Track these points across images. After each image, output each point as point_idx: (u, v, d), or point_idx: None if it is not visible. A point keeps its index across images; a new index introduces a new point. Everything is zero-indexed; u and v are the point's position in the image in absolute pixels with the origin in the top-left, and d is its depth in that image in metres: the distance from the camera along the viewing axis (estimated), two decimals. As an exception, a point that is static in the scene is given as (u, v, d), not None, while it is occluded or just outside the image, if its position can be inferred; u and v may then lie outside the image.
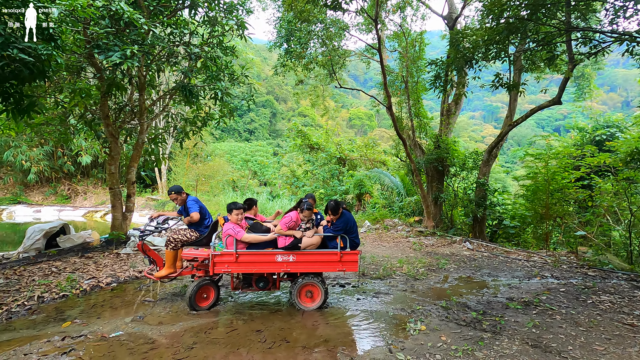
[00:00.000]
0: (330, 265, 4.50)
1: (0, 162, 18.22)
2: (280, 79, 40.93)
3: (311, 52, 10.50)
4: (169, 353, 3.40)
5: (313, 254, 4.48)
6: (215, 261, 4.34)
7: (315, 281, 4.57)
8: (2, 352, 3.34)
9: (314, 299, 4.58)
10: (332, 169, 20.15)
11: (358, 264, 4.58)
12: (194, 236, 4.70)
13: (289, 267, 4.42)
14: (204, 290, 4.52)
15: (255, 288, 4.67)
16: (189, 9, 7.50)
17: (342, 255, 4.49)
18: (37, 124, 7.68)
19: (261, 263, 4.41)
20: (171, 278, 4.73)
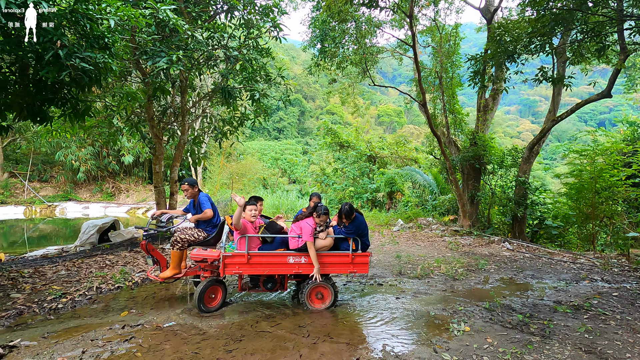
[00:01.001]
0: (341, 267, 4.50)
1: (53, 161, 19.71)
2: (308, 77, 41.04)
3: (344, 51, 10.50)
4: (219, 344, 3.57)
5: (325, 256, 4.45)
6: (226, 262, 4.26)
7: (326, 282, 4.54)
8: (72, 337, 3.65)
9: (324, 300, 4.57)
10: (362, 166, 20.05)
11: (369, 265, 4.59)
12: (201, 236, 4.59)
13: (301, 268, 4.39)
14: (211, 290, 4.44)
15: (263, 289, 4.61)
16: (225, 13, 7.75)
17: (354, 257, 4.48)
18: (89, 126, 8.22)
19: (273, 265, 4.36)
20: (176, 279, 4.66)
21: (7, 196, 18.05)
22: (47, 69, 4.43)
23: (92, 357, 3.25)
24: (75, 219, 16.84)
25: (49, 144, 18.26)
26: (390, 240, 9.46)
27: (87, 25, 4.73)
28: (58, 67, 4.42)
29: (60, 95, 5.72)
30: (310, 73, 11.70)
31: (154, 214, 4.65)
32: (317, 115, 57.60)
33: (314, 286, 4.49)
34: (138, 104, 7.93)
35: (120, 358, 3.27)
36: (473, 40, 64.36)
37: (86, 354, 3.29)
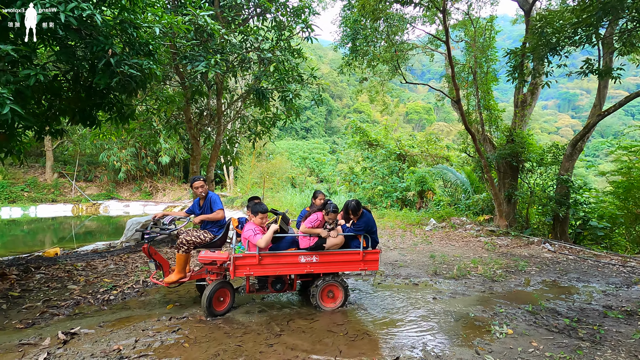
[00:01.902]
0: (352, 264, 4.46)
1: (97, 162, 20.98)
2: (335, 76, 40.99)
3: (375, 49, 10.43)
4: (260, 338, 3.69)
5: (336, 254, 4.40)
6: (237, 264, 4.11)
7: (337, 281, 4.50)
8: (124, 326, 3.89)
9: (335, 300, 4.52)
10: (392, 165, 19.80)
11: (379, 262, 4.55)
12: (207, 237, 4.44)
13: (313, 267, 4.31)
14: (219, 293, 4.27)
15: (271, 290, 4.51)
16: (257, 16, 7.93)
17: (365, 255, 4.44)
18: (132, 129, 8.68)
19: (284, 265, 4.26)
20: (181, 283, 4.51)
21: (57, 195, 19.41)
22: (99, 76, 4.73)
23: (144, 346, 3.45)
24: (117, 217, 17.82)
25: (93, 146, 19.46)
26: (423, 240, 9.31)
27: (134, 33, 5.00)
28: (109, 74, 4.71)
29: (107, 100, 6.10)
30: (341, 72, 11.71)
31: (155, 216, 4.49)
32: (345, 114, 57.48)
33: (325, 285, 4.44)
34: (176, 107, 8.29)
35: (170, 348, 3.45)
36: (507, 33, 61.73)
37: (139, 343, 3.50)
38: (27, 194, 18.85)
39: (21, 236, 13.13)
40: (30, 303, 4.49)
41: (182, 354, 3.33)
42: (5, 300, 4.51)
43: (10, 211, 17.41)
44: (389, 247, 8.47)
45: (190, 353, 3.35)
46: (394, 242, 9.00)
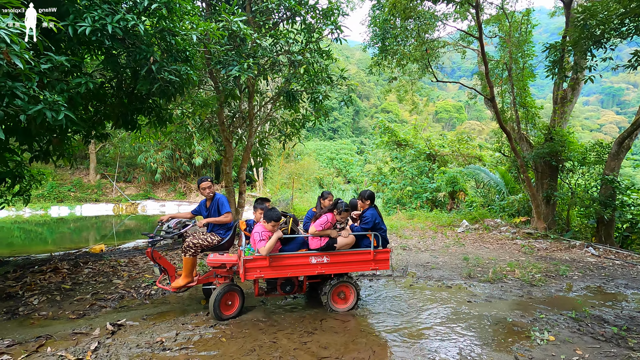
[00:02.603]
0: (363, 264, 4.40)
1: (135, 164, 22.11)
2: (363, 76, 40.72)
3: (405, 48, 10.30)
4: (294, 336, 3.76)
5: (347, 254, 4.34)
6: (247, 267, 3.99)
7: (348, 282, 4.44)
8: (166, 320, 4.09)
9: (347, 300, 4.48)
10: (421, 165, 19.44)
11: (390, 262, 4.48)
12: (215, 240, 4.33)
13: (324, 268, 4.24)
14: (228, 297, 4.17)
15: (281, 292, 4.42)
16: (287, 20, 8.05)
17: (376, 254, 4.38)
18: (169, 131, 9.07)
19: (295, 266, 4.18)
20: (188, 287, 4.40)
21: (99, 195, 20.63)
22: (141, 83, 5.00)
23: (184, 339, 3.62)
24: (154, 216, 18.67)
25: (132, 149, 20.52)
26: (455, 242, 9.08)
27: (172, 41, 5.25)
28: (150, 81, 4.97)
29: (147, 105, 6.42)
30: (370, 72, 11.65)
31: (161, 219, 4.38)
32: (372, 114, 57.00)
33: (337, 286, 4.40)
34: (210, 110, 8.58)
35: (208, 342, 3.60)
36: (544, 26, 58.87)
37: (179, 336, 3.67)
38: (73, 194, 20.16)
39: (68, 233, 14.06)
40: (81, 295, 4.81)
41: (220, 348, 3.45)
42: (59, 292, 4.87)
43: (59, 210, 18.69)
44: (419, 248, 8.34)
45: (227, 347, 3.48)
46: (424, 244, 8.84)
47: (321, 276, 4.44)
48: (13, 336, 3.62)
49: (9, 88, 3.44)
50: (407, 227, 11.50)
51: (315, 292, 4.77)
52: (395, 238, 9.60)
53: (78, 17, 4.31)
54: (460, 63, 58.71)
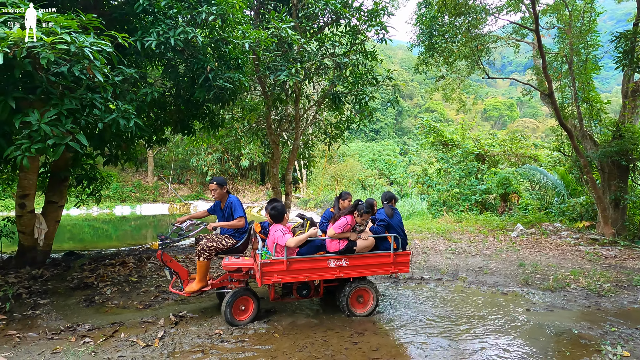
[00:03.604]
0: (383, 267, 4.27)
1: (188, 166, 23.55)
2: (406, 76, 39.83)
3: (451, 45, 9.96)
4: (345, 335, 3.80)
5: (366, 257, 4.22)
6: (264, 270, 3.87)
7: (368, 285, 4.31)
8: (221, 314, 4.32)
9: (366, 304, 4.34)
10: (470, 166, 18.60)
11: (410, 265, 4.34)
12: (230, 243, 4.22)
13: (342, 272, 4.14)
14: (241, 301, 4.03)
15: (297, 297, 4.30)
16: (332, 23, 8.14)
17: (396, 257, 4.24)
18: (220, 135, 9.55)
19: (313, 270, 4.06)
20: (202, 292, 4.30)
21: (156, 195, 22.24)
22: (198, 90, 5.33)
23: (240, 333, 3.80)
24: (204, 216, 19.73)
25: (184, 152, 21.86)
26: (509, 247, 8.59)
27: (226, 49, 5.54)
28: (207, 88, 5.29)
29: (201, 111, 6.83)
30: (416, 72, 11.42)
31: (177, 220, 4.29)
32: (415, 114, 55.58)
33: (355, 290, 4.28)
34: (258, 114, 8.91)
35: (262, 336, 3.75)
36: (610, 12, 53.67)
37: (235, 330, 3.87)
38: (134, 194, 21.90)
39: (130, 230, 15.29)
40: (146, 288, 5.23)
41: (274, 344, 3.59)
42: (127, 284, 5.33)
43: (122, 209, 20.40)
44: (470, 252, 8.00)
45: (280, 343, 3.60)
46: (475, 248, 8.47)
47: (338, 279, 4.32)
48: (92, 321, 4.03)
49: (89, 99, 3.85)
50: (455, 231, 11.08)
51: (332, 296, 4.62)
52: (443, 241, 9.30)
53: (145, 33, 4.71)
54: (512, 58, 55.36)
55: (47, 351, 3.33)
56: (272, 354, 3.37)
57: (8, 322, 3.93)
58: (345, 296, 4.23)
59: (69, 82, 3.75)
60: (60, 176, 6.14)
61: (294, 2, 7.66)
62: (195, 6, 4.95)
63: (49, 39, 3.00)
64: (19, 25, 3.11)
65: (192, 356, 3.31)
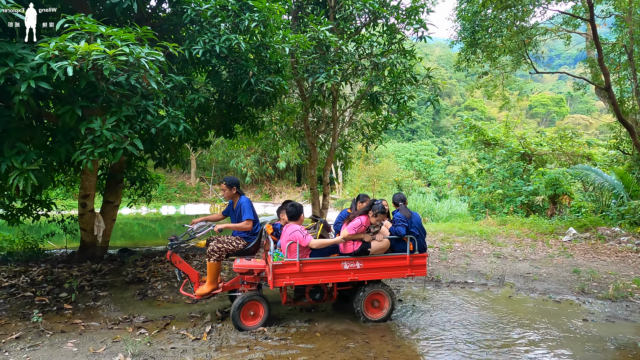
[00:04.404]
0: (399, 270, 4.13)
1: (228, 168, 24.45)
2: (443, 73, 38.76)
3: (497, 40, 9.53)
4: (386, 338, 3.76)
5: (381, 259, 4.08)
6: (276, 273, 3.78)
7: (383, 289, 4.15)
8: (264, 312, 4.44)
9: (382, 309, 4.19)
10: (514, 166, 17.65)
11: (426, 268, 4.19)
12: (241, 244, 4.14)
13: (357, 275, 4.00)
14: (250, 306, 3.91)
15: (310, 300, 4.18)
16: (369, 23, 8.09)
17: (412, 259, 4.08)
18: (259, 138, 9.82)
19: (326, 272, 3.95)
20: (213, 295, 4.21)
21: (199, 196, 23.31)
22: (241, 95, 5.52)
23: (282, 330, 3.89)
24: (243, 216, 20.36)
25: (224, 155, 22.72)
26: (560, 252, 8.06)
27: (267, 54, 5.70)
28: (249, 92, 5.47)
29: (242, 115, 7.06)
30: (457, 69, 11.06)
31: (194, 222, 4.28)
32: (454, 112, 53.74)
33: (371, 293, 4.14)
34: (296, 116, 9.06)
35: (304, 335, 3.81)
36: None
37: (278, 327, 3.96)
38: (178, 195, 23.08)
39: (174, 229, 16.11)
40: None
41: (316, 343, 3.63)
42: (176, 280, 5.62)
43: (168, 209, 21.57)
44: (516, 257, 7.60)
45: (322, 342, 3.64)
46: (522, 252, 8.03)
47: (353, 283, 4.20)
48: (146, 314, 4.31)
49: (143, 106, 4.13)
50: (500, 234, 10.57)
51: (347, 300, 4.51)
52: (487, 245, 8.91)
53: (192, 42, 4.96)
54: (561, 50, 51.95)
55: (108, 340, 3.61)
56: (315, 353, 3.42)
57: (74, 312, 4.30)
58: (360, 300, 4.10)
59: (126, 91, 4.05)
60: (116, 178, 6.61)
61: (331, 5, 7.71)
62: (238, 14, 5.13)
63: (111, 51, 3.26)
64: (85, 40, 3.40)
65: (238, 351, 3.44)
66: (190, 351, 3.41)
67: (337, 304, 4.61)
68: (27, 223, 6.51)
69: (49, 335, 3.66)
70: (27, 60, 3.38)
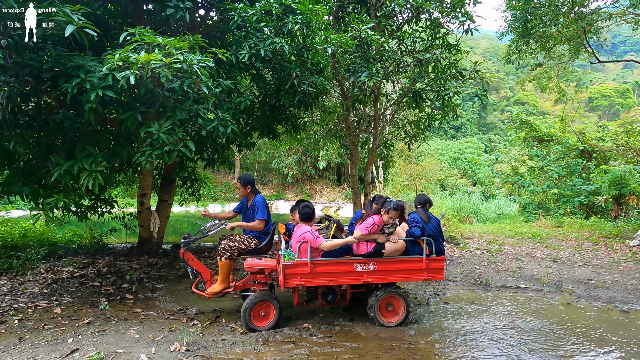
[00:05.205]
0: (414, 273, 3.97)
1: (269, 168, 25.13)
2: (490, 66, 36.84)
3: (552, 28, 8.86)
4: (432, 341, 3.67)
5: (395, 262, 3.92)
6: (287, 273, 3.73)
7: (397, 292, 4.00)
8: (306, 308, 4.51)
9: (396, 313, 4.03)
10: (572, 164, 16.33)
11: (444, 271, 4.04)
12: (252, 243, 4.12)
13: (370, 277, 3.88)
14: (261, 307, 3.86)
15: (322, 302, 4.06)
16: (411, 19, 7.90)
17: (429, 262, 3.93)
18: (301, 138, 9.98)
19: (339, 274, 3.86)
20: (225, 294, 4.18)
21: (242, 195, 24.16)
22: (284, 96, 5.65)
23: (327, 328, 3.95)
24: (285, 214, 20.77)
25: (266, 155, 23.34)
26: (628, 258, 7.34)
27: (310, 55, 5.78)
28: (292, 94, 5.58)
29: (284, 116, 7.21)
30: (508, 62, 10.46)
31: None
32: (502, 107, 50.89)
33: (385, 297, 4.00)
34: (337, 116, 9.08)
35: (348, 334, 3.83)
36: None
37: (322, 325, 4.01)
38: (224, 194, 24.09)
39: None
40: (240, 279, 5.71)
41: (360, 342, 3.63)
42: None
43: (214, 207, 22.60)
44: (575, 262, 7.05)
45: (367, 342, 3.63)
46: (582, 257, 7.43)
47: (366, 285, 4.09)
48: (197, 306, 4.56)
49: (195, 110, 4.37)
50: (555, 237, 9.85)
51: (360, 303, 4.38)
52: (541, 248, 8.35)
53: (239, 47, 5.16)
54: (627, 36, 47.22)
55: (165, 329, 3.87)
56: (359, 353, 3.42)
57: (134, 301, 4.67)
58: (374, 305, 3.98)
59: (179, 96, 4.31)
60: (170, 178, 7.05)
61: (372, 2, 7.64)
62: (282, 17, 5.26)
63: (167, 59, 3.49)
64: (144, 50, 3.67)
65: (284, 346, 3.53)
66: (239, 343, 3.56)
67: (350, 307, 4.50)
68: (93, 219, 7.13)
69: (115, 322, 4.00)
70: (95, 71, 3.72)
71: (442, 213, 11.00)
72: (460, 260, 6.91)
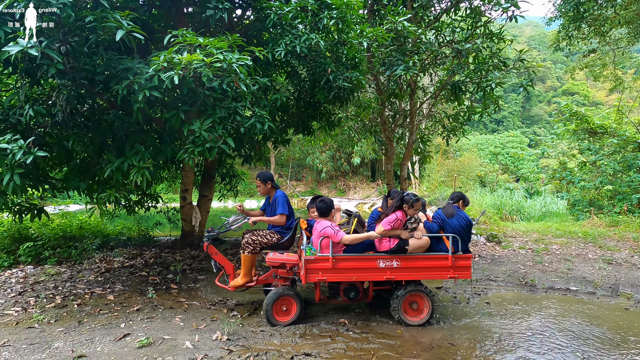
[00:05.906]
0: (439, 271, 3.86)
1: (304, 165, 25.38)
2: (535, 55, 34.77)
3: (608, 11, 8.15)
4: (473, 341, 3.54)
5: (419, 259, 3.83)
6: (308, 267, 3.72)
7: (422, 290, 3.89)
8: (342, 304, 4.52)
9: (421, 312, 3.93)
10: (629, 158, 15.01)
11: (471, 270, 3.91)
12: (275, 238, 4.13)
13: (393, 274, 3.77)
14: (282, 302, 3.88)
15: (344, 299, 4.04)
16: (449, 9, 7.59)
17: (455, 260, 3.80)
18: (335, 134, 9.96)
19: (361, 270, 3.79)
20: (247, 287, 4.23)
21: (277, 191, 24.60)
22: (319, 93, 5.66)
23: (363, 324, 3.93)
24: (319, 211, 20.92)
25: (300, 151, 23.57)
26: (697, 261, 6.65)
27: (345, 50, 5.74)
28: (327, 89, 5.58)
29: (319, 112, 7.23)
30: (557, 49, 9.79)
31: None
32: (549, 99, 47.77)
33: (409, 294, 3.88)
34: (372, 111, 8.96)
35: (384, 330, 3.80)
36: None
37: (359, 320, 4.01)
38: (259, 190, 24.68)
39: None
40: (276, 273, 5.84)
41: (397, 340, 3.59)
42: (261, 269, 6.02)
43: (250, 203, 23.23)
44: (634, 264, 6.49)
45: (404, 340, 3.58)
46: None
47: (389, 282, 4.00)
48: (237, 298, 4.72)
49: (233, 108, 4.50)
50: (610, 237, 9.12)
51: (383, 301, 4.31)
52: (593, 248, 7.77)
53: (275, 44, 5.23)
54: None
55: (207, 318, 4.04)
56: (397, 350, 3.38)
57: (179, 291, 4.91)
58: (397, 305, 3.88)
59: (218, 94, 4.45)
60: (210, 174, 7.33)
61: (409, -7, 7.44)
62: (317, 13, 5.26)
63: (208, 59, 3.62)
64: (187, 51, 3.83)
65: (321, 340, 3.57)
66: (277, 335, 3.64)
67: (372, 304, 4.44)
68: (140, 213, 7.58)
69: (161, 310, 4.24)
70: (142, 73, 3.93)
71: (482, 210, 10.56)
72: (503, 260, 6.60)
